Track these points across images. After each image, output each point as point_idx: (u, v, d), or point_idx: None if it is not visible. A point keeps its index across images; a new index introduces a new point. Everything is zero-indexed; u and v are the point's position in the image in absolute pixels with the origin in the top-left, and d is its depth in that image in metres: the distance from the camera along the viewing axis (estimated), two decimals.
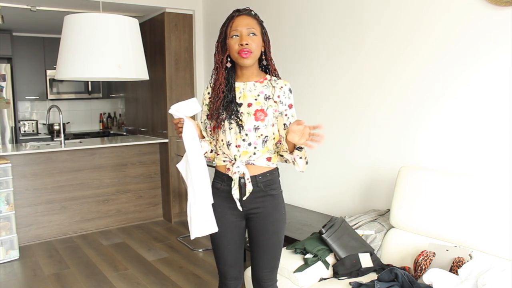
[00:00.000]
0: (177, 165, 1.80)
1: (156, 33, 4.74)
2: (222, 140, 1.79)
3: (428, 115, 2.51)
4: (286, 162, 1.82)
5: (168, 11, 4.54)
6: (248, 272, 2.08)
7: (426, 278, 1.89)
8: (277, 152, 1.83)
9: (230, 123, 1.75)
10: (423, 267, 2.01)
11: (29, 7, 4.24)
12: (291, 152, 1.74)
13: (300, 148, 1.71)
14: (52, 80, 6.11)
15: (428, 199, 2.21)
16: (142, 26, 4.67)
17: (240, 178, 1.74)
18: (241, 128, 1.74)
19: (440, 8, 2.39)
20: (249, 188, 1.74)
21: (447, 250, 2.01)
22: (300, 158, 1.73)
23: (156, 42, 4.75)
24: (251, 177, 1.75)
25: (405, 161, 2.62)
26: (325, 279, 2.18)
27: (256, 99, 1.77)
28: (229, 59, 1.78)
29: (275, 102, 1.77)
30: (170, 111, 1.70)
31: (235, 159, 1.76)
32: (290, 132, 1.59)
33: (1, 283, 3.24)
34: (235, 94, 1.77)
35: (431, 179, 2.23)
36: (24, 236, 4.04)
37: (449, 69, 2.38)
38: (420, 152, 2.56)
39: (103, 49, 2.99)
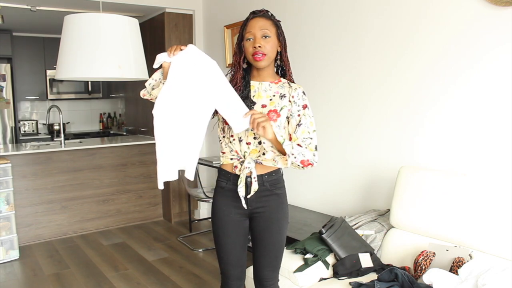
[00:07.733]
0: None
1: (156, 33, 4.74)
2: (232, 136, 1.78)
3: (428, 115, 2.51)
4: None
5: (168, 11, 4.54)
6: (249, 272, 2.08)
7: (426, 278, 1.89)
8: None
9: None
10: (423, 267, 2.01)
11: (29, 7, 4.24)
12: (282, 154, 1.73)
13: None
14: (52, 80, 6.11)
15: (428, 199, 2.21)
16: (142, 26, 4.66)
17: (246, 176, 1.75)
18: None
19: (440, 8, 2.39)
20: (254, 187, 1.74)
21: (447, 250, 2.01)
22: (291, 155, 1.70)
23: (156, 42, 4.75)
24: (257, 176, 1.75)
25: (405, 161, 2.62)
26: (325, 279, 2.18)
27: (271, 99, 1.77)
28: (245, 61, 1.81)
29: (289, 101, 1.77)
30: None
31: (244, 157, 1.76)
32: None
33: (1, 283, 3.24)
34: (250, 90, 1.78)
35: (431, 179, 2.23)
36: (24, 236, 4.04)
37: (449, 69, 2.38)
38: (420, 152, 2.56)
39: (103, 49, 2.98)
